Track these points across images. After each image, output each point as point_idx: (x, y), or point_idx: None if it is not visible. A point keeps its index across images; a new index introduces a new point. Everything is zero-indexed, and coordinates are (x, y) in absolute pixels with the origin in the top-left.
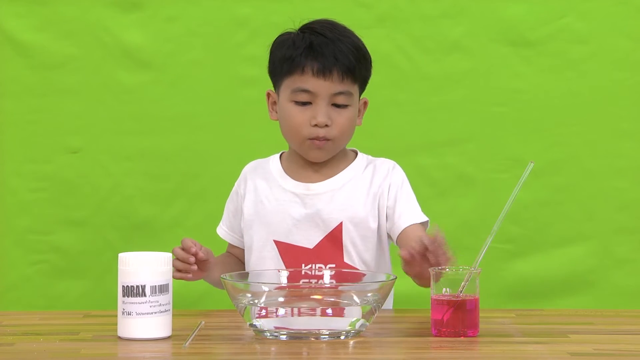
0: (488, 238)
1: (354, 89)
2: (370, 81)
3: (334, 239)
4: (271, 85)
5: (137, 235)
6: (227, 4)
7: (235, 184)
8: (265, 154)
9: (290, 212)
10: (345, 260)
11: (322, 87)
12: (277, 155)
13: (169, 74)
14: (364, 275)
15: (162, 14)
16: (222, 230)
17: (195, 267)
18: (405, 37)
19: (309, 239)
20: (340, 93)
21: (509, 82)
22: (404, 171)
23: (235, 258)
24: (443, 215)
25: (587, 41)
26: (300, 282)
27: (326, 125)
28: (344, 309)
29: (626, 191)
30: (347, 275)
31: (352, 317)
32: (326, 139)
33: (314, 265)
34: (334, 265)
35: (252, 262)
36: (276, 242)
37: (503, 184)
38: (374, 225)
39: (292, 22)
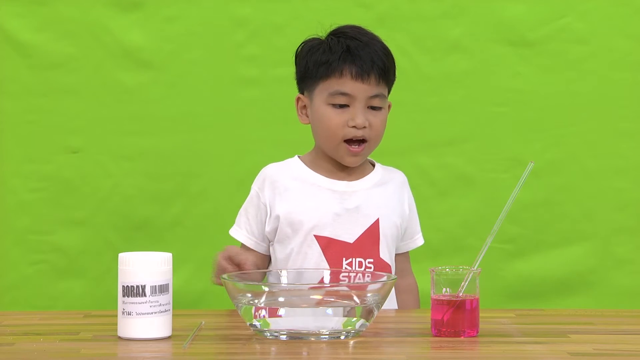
0: (488, 238)
1: (386, 92)
2: None
3: (372, 234)
4: (270, 82)
5: (137, 235)
6: (227, 4)
7: (255, 187)
8: (265, 153)
9: (331, 207)
10: (381, 255)
11: (360, 90)
12: (296, 158)
13: (169, 74)
14: (364, 275)
15: (162, 14)
16: (243, 235)
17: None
18: (405, 37)
19: (350, 234)
20: (376, 96)
21: (508, 82)
22: (404, 172)
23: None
24: (443, 215)
25: (587, 41)
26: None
27: (364, 127)
28: (344, 309)
29: (626, 191)
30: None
31: (352, 317)
32: (364, 140)
33: (354, 259)
34: (372, 260)
35: (293, 257)
36: (317, 236)
37: (503, 184)
38: (401, 226)
39: (321, 26)
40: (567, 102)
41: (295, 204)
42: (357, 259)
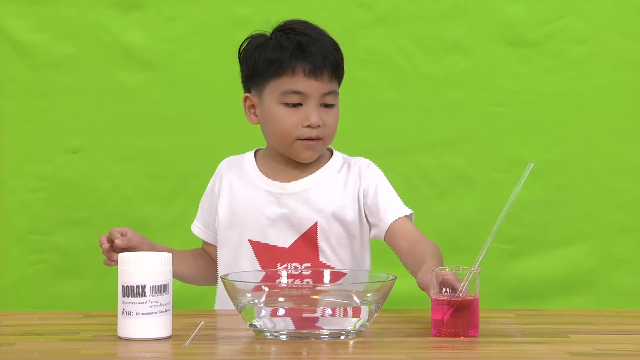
0: (488, 238)
1: (337, 87)
2: (370, 81)
3: (309, 238)
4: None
5: None
6: (227, 4)
7: (210, 180)
8: None
9: (265, 211)
10: (321, 259)
11: (313, 87)
12: (252, 153)
13: (169, 74)
14: (364, 275)
15: (162, 14)
16: (197, 228)
17: (107, 249)
18: (405, 37)
19: (284, 239)
20: (329, 93)
21: (509, 82)
22: (404, 172)
23: (206, 255)
24: (443, 215)
25: (587, 41)
26: (303, 282)
27: (318, 126)
28: (344, 309)
29: (626, 191)
30: (338, 274)
31: (352, 317)
32: (318, 139)
33: (289, 264)
34: (309, 265)
35: (227, 261)
36: (251, 241)
37: (503, 184)
38: (350, 225)
39: (268, 23)
40: (567, 102)
41: (232, 205)
42: (293, 264)
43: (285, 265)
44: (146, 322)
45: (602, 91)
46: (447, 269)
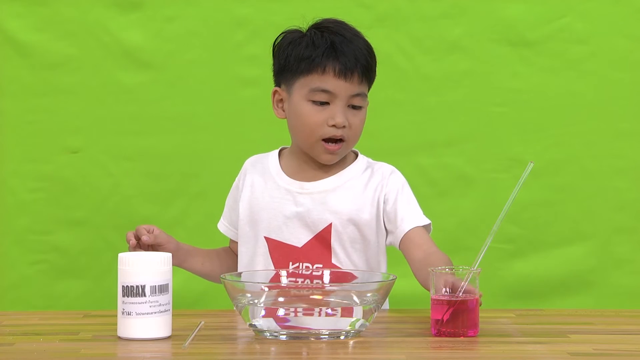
0: (488, 238)
1: (367, 90)
2: None
3: (323, 239)
4: (270, 82)
5: None
6: (227, 4)
7: (236, 178)
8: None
9: (282, 209)
10: (333, 261)
11: (343, 88)
12: (277, 151)
13: (169, 74)
14: (364, 275)
15: (162, 14)
16: (223, 226)
17: (134, 245)
18: (405, 37)
19: (298, 238)
20: (358, 95)
21: (508, 82)
22: (404, 172)
23: (232, 253)
24: (443, 215)
25: (587, 41)
26: (299, 282)
27: (343, 127)
28: (344, 309)
29: (626, 191)
30: (346, 275)
31: (352, 317)
32: (342, 140)
33: (301, 264)
34: (320, 266)
35: (245, 258)
36: (267, 238)
37: (503, 184)
38: (366, 229)
39: (303, 19)
40: (567, 102)
41: (252, 202)
42: (304, 264)
43: (296, 264)
44: (146, 322)
45: (602, 91)
46: (447, 269)
